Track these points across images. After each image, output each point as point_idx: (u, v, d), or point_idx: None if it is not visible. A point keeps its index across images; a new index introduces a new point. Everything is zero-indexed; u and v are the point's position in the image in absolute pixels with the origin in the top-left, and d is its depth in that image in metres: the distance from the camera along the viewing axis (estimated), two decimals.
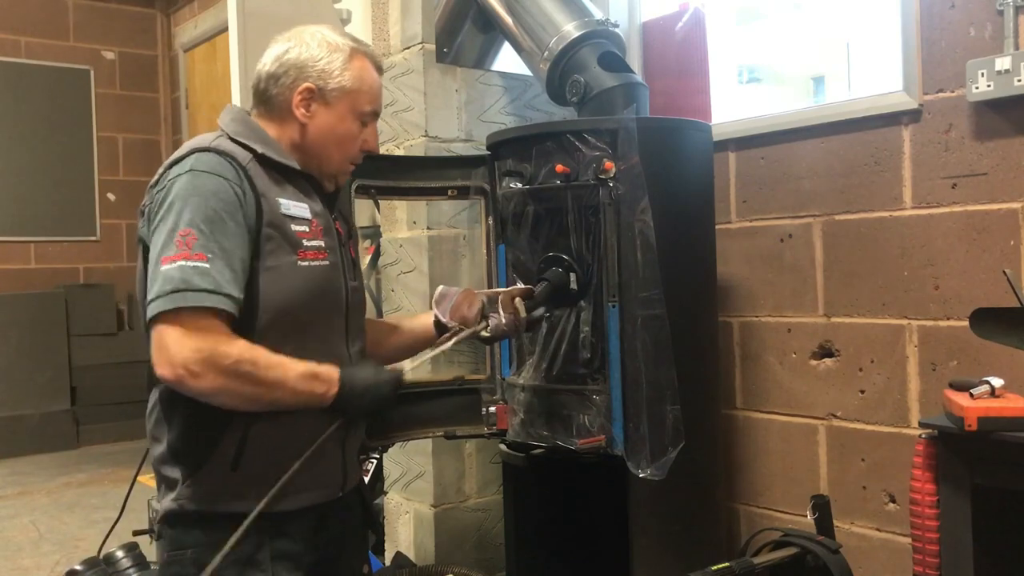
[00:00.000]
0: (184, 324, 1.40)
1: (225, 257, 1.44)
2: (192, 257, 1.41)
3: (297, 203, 1.59)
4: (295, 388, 1.48)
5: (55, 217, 6.57)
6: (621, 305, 2.10)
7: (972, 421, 1.83)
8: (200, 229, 1.43)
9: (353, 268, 1.73)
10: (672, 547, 2.21)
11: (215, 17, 6.31)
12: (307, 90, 1.60)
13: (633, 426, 2.08)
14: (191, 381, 1.40)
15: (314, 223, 1.60)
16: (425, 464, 2.74)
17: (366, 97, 1.65)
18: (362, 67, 1.64)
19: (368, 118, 1.67)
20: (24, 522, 4.36)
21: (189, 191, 1.46)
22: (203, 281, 1.40)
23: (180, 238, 1.42)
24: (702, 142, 2.36)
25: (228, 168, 1.50)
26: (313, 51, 1.62)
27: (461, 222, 2.79)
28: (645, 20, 3.15)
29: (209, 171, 1.48)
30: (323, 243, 1.60)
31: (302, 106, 1.61)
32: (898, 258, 2.42)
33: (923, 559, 1.97)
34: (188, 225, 1.43)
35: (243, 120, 1.63)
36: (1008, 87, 2.13)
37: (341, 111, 1.63)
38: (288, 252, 1.54)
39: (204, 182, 1.47)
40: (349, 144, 1.66)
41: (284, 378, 1.47)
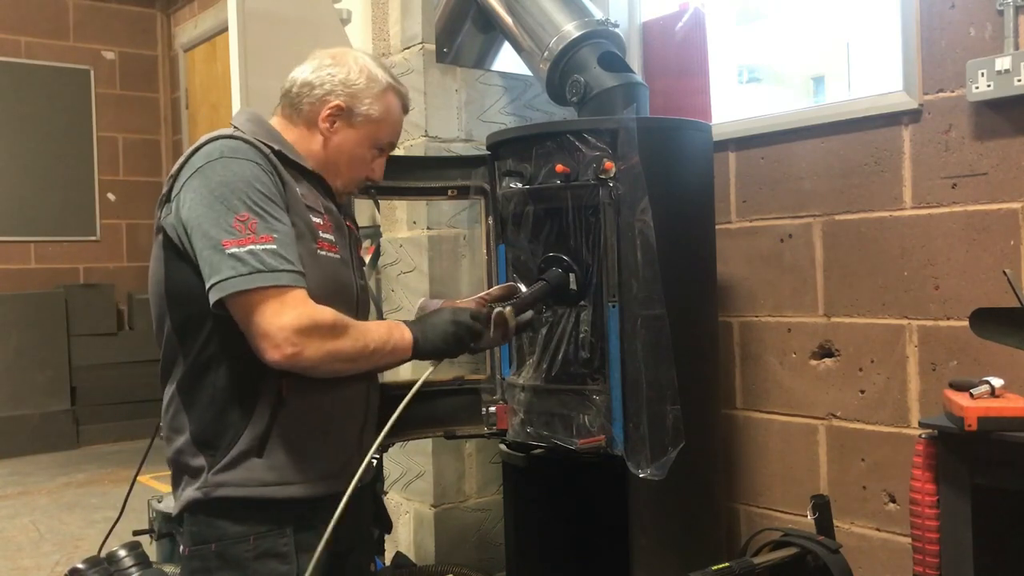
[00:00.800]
0: (274, 303, 1.44)
1: (286, 237, 1.49)
2: (259, 240, 1.45)
3: (313, 196, 1.65)
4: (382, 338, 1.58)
5: (55, 217, 6.57)
6: (621, 305, 2.10)
7: (972, 421, 1.83)
8: (257, 213, 1.47)
9: (360, 268, 1.79)
10: (672, 547, 2.20)
11: (215, 17, 6.31)
12: (336, 107, 1.67)
13: (633, 426, 2.08)
14: (304, 354, 1.45)
15: (327, 217, 1.65)
16: (425, 464, 2.74)
17: (387, 130, 1.74)
18: (391, 103, 1.73)
19: (384, 149, 1.76)
20: (24, 522, 4.36)
21: (230, 177, 1.49)
22: (277, 261, 1.45)
23: (239, 223, 1.45)
24: (702, 142, 2.35)
25: (257, 154, 1.54)
26: (353, 75, 1.69)
27: (461, 222, 2.79)
28: (645, 20, 3.15)
29: (243, 157, 1.52)
30: (334, 238, 1.64)
31: (327, 120, 1.68)
32: (898, 258, 2.42)
33: (923, 559, 1.97)
34: (245, 210, 1.46)
35: (259, 121, 1.68)
36: (1008, 87, 2.13)
37: (361, 136, 1.70)
38: (309, 240, 1.57)
39: (242, 168, 1.51)
40: (359, 168, 1.74)
41: (372, 330, 1.57)
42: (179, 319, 1.55)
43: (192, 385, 1.54)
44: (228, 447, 1.53)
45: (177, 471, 1.59)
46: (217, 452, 1.53)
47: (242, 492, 1.52)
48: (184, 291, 1.52)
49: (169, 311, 1.56)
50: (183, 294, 1.53)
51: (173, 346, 1.57)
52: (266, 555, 1.52)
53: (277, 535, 1.53)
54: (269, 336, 1.43)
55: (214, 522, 1.53)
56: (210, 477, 1.53)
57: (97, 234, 6.77)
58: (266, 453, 1.53)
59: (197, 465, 1.55)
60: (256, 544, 1.51)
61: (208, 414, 1.54)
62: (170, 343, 1.58)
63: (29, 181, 6.45)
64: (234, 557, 1.51)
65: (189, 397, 1.55)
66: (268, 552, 1.52)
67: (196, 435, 1.55)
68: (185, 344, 1.55)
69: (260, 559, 1.52)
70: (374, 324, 1.62)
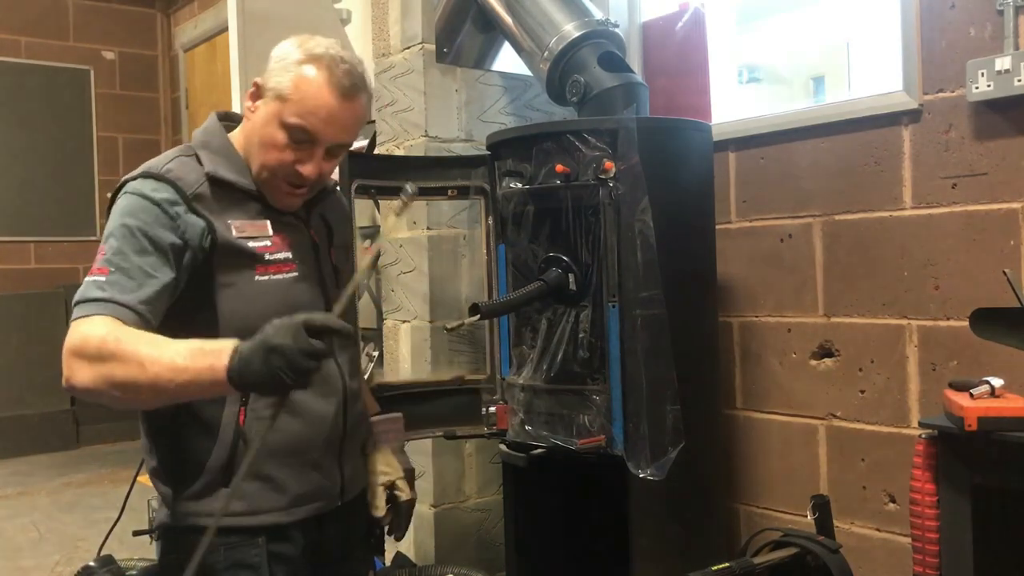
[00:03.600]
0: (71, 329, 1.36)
1: (126, 272, 1.39)
2: (96, 272, 1.40)
3: (255, 221, 1.53)
4: (174, 363, 1.27)
5: (55, 217, 6.57)
6: (621, 305, 2.10)
7: (972, 421, 1.83)
8: (111, 246, 1.42)
9: (335, 275, 1.66)
10: (672, 547, 2.20)
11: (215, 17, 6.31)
12: (254, 84, 1.54)
13: (633, 426, 2.08)
14: (74, 378, 1.32)
15: (277, 236, 1.54)
16: (425, 464, 2.74)
17: (294, 108, 1.48)
18: (308, 79, 1.48)
19: (297, 134, 1.49)
20: (24, 522, 4.36)
21: (116, 212, 1.46)
22: (98, 291, 1.38)
23: (98, 256, 1.43)
24: (702, 142, 2.36)
25: (162, 191, 1.46)
26: (276, 51, 1.54)
27: (461, 222, 2.79)
28: (645, 20, 3.15)
29: (139, 194, 1.46)
30: (289, 254, 1.55)
31: (250, 98, 1.55)
32: (898, 258, 2.42)
33: (923, 559, 1.97)
34: (104, 243, 1.44)
35: (212, 131, 1.59)
36: (1008, 87, 2.13)
37: (268, 113, 1.50)
38: (245, 268, 1.50)
39: (131, 204, 1.45)
40: (271, 152, 1.51)
41: (161, 353, 1.29)
42: None
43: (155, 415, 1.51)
44: (192, 477, 1.49)
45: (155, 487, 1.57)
46: (181, 483, 1.50)
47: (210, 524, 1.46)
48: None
49: None
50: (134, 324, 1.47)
51: None
52: (237, 566, 1.49)
53: (249, 545, 1.50)
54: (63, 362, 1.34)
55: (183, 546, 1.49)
56: (177, 506, 1.51)
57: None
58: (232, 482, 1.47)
59: (164, 492, 1.53)
60: (227, 555, 1.48)
61: (170, 443, 1.51)
62: None
63: (29, 181, 6.45)
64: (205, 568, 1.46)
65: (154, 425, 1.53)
66: (239, 563, 1.49)
67: (161, 463, 1.53)
68: None
69: (231, 569, 1.48)
70: (174, 348, 1.30)
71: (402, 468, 1.79)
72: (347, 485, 1.64)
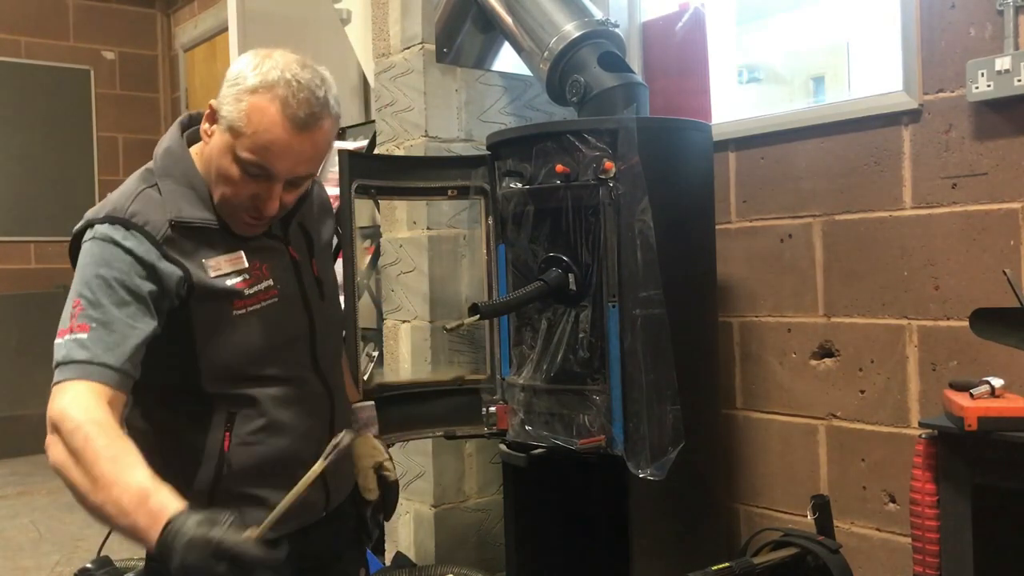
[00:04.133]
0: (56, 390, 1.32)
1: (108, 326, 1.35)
2: (76, 329, 1.34)
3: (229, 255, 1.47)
4: (119, 502, 1.23)
5: (55, 217, 6.56)
6: (621, 305, 2.10)
7: (972, 421, 1.83)
8: (87, 299, 1.36)
9: (318, 286, 1.60)
10: (672, 547, 2.21)
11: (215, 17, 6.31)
12: (210, 106, 1.44)
13: (633, 426, 2.08)
14: (48, 450, 1.29)
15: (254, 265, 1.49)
16: (425, 464, 2.74)
17: (247, 143, 1.38)
18: (261, 111, 1.36)
19: (252, 169, 1.40)
20: (24, 522, 4.36)
21: (86, 261, 1.40)
22: (81, 352, 1.32)
23: (71, 310, 1.36)
24: (702, 142, 2.36)
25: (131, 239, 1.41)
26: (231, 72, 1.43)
27: (461, 222, 2.79)
28: (645, 20, 3.15)
29: (109, 240, 1.40)
30: (270, 281, 1.50)
31: (206, 120, 1.45)
32: (898, 258, 2.42)
33: (923, 559, 1.97)
34: (78, 296, 1.37)
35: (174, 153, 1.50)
36: (1008, 87, 2.13)
37: (222, 144, 1.41)
38: (222, 307, 1.46)
39: (100, 251, 1.40)
40: (228, 186, 1.43)
41: (115, 481, 1.24)
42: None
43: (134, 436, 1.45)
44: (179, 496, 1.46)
45: None
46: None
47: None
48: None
49: None
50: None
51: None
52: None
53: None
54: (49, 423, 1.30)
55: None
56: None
57: None
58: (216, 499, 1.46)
59: None
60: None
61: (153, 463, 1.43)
62: None
63: (29, 181, 6.45)
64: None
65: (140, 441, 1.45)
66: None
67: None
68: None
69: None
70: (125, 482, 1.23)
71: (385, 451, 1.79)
72: (332, 496, 1.62)
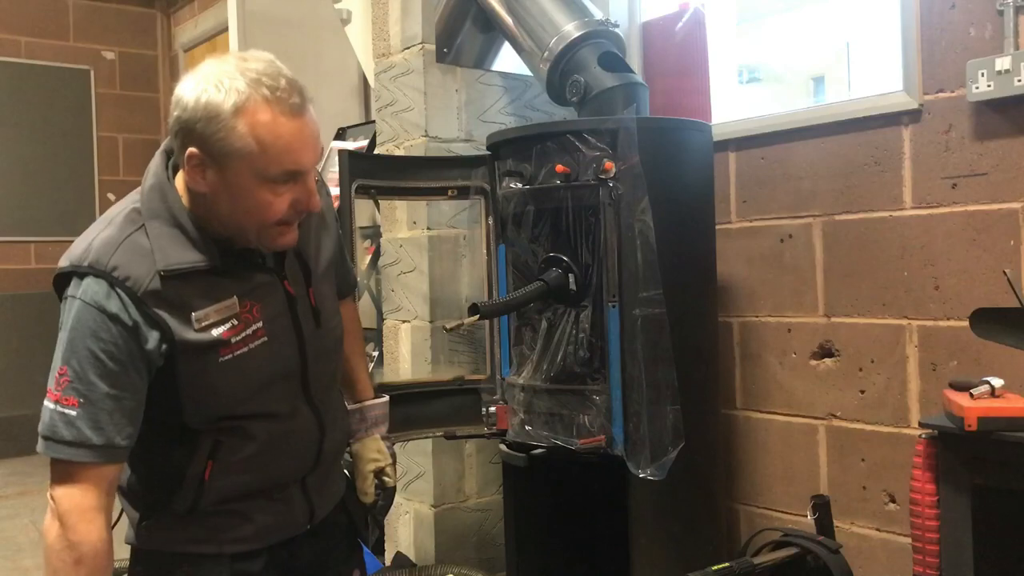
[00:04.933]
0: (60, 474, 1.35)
1: (96, 404, 1.33)
2: (62, 401, 1.33)
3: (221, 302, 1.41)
4: None
5: (55, 217, 6.56)
6: (621, 305, 2.10)
7: (972, 421, 1.83)
8: (74, 370, 1.33)
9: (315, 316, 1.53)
10: (672, 547, 2.21)
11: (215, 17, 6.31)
12: (195, 156, 1.32)
13: (633, 426, 2.08)
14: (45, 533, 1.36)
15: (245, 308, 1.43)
16: (425, 464, 2.74)
17: (270, 159, 1.31)
18: (263, 124, 1.29)
19: (285, 178, 1.34)
20: (24, 522, 4.36)
21: (72, 324, 1.35)
22: (68, 432, 1.33)
23: (57, 376, 1.34)
24: (702, 142, 2.35)
25: (115, 301, 1.35)
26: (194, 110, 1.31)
27: (461, 222, 2.79)
28: (645, 20, 3.15)
29: (94, 305, 1.34)
30: (259, 324, 1.44)
31: (197, 175, 1.33)
32: (898, 258, 2.42)
33: (923, 559, 1.97)
34: (64, 363, 1.34)
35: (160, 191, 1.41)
36: (1008, 87, 2.13)
37: (237, 179, 1.32)
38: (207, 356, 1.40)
39: (86, 318, 1.34)
40: (262, 213, 1.35)
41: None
42: None
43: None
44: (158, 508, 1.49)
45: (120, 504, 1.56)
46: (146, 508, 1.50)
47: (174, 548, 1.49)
48: None
49: None
50: None
51: None
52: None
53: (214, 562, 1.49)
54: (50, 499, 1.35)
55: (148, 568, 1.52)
56: (140, 530, 1.51)
57: None
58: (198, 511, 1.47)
59: (130, 514, 1.53)
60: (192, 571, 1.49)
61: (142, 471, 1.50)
62: None
63: (29, 181, 6.45)
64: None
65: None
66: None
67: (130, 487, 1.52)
68: None
69: None
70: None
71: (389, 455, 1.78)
72: (316, 511, 1.60)
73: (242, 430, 1.45)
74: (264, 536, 1.52)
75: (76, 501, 1.34)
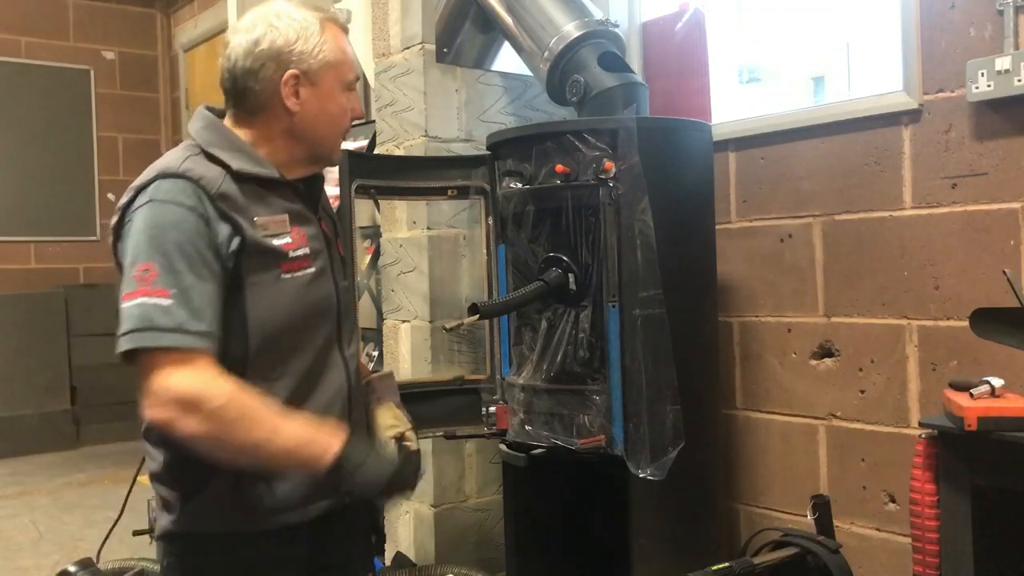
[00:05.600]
0: (166, 364, 1.33)
1: (188, 292, 1.36)
2: (153, 293, 1.34)
3: (277, 216, 1.50)
4: (286, 447, 1.37)
5: (55, 217, 6.57)
6: (621, 305, 2.10)
7: (972, 421, 1.83)
8: (160, 264, 1.36)
9: (343, 267, 1.65)
10: (672, 547, 2.21)
11: (215, 17, 6.31)
12: (293, 77, 1.50)
13: (633, 426, 2.08)
14: (177, 424, 1.33)
15: (295, 231, 1.51)
16: (425, 464, 2.73)
17: (348, 66, 1.57)
18: (335, 35, 1.55)
19: (351, 86, 1.59)
20: (24, 522, 4.36)
21: (149, 223, 1.39)
22: (166, 319, 1.33)
23: (140, 273, 1.35)
24: (702, 142, 2.36)
25: (191, 195, 1.41)
26: (288, 35, 1.50)
27: (461, 222, 2.79)
28: (645, 20, 3.15)
29: (170, 200, 1.40)
30: (308, 250, 1.52)
31: (292, 95, 1.51)
32: (898, 258, 2.42)
33: (923, 559, 1.97)
34: (148, 260, 1.36)
35: (215, 127, 1.53)
36: (1008, 87, 2.13)
37: (329, 88, 1.54)
38: (271, 267, 1.47)
39: (164, 213, 1.40)
40: (342, 119, 1.59)
41: (275, 433, 1.36)
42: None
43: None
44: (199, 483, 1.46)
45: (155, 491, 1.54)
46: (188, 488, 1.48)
47: (217, 529, 1.47)
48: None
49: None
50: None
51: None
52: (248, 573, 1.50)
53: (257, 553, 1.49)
54: (150, 395, 1.33)
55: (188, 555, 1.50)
56: (181, 514, 1.48)
57: (97, 234, 6.76)
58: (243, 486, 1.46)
59: (168, 497, 1.50)
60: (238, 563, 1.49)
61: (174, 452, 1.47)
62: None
63: (29, 181, 6.45)
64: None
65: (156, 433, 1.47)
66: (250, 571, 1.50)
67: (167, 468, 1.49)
68: None
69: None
70: (293, 425, 1.39)
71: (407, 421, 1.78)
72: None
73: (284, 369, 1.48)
74: (305, 506, 1.52)
75: (193, 377, 1.34)
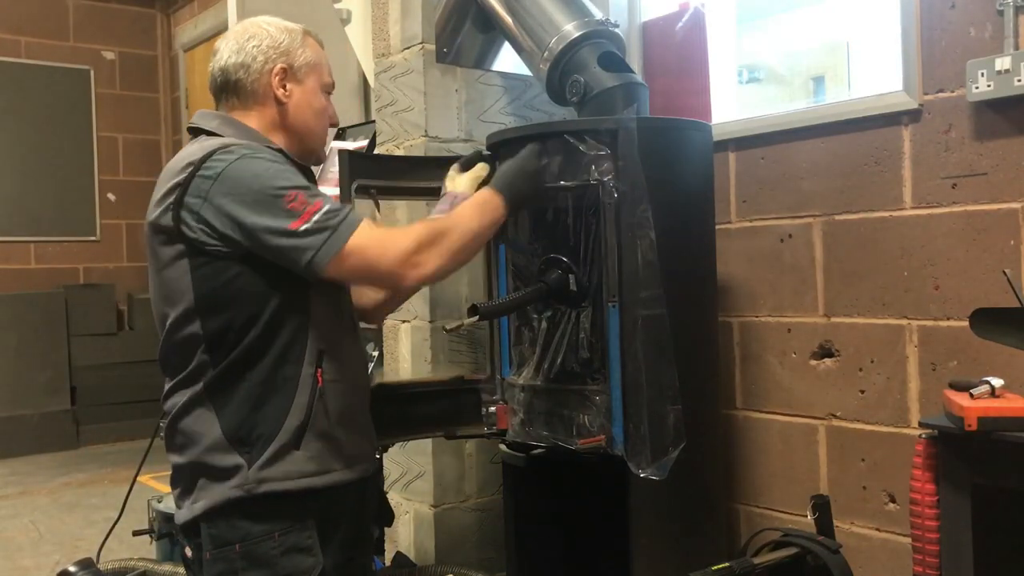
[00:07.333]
0: (371, 244, 1.54)
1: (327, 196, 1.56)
2: (315, 209, 1.51)
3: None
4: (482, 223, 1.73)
5: (55, 217, 6.58)
6: (621, 305, 2.10)
7: (972, 421, 1.83)
8: (299, 187, 1.53)
9: None
10: (672, 547, 2.20)
11: (215, 17, 6.31)
12: (281, 70, 1.68)
13: (633, 426, 2.08)
14: (420, 271, 1.58)
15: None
16: (425, 464, 2.74)
17: (327, 71, 1.77)
18: (314, 45, 1.75)
19: (329, 90, 1.78)
20: (24, 522, 4.36)
21: (260, 170, 1.54)
22: (339, 215, 1.53)
23: (291, 203, 1.50)
24: (702, 142, 2.35)
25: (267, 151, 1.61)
26: (274, 35, 1.70)
27: None
28: (645, 20, 3.15)
29: (258, 153, 1.57)
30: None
31: (280, 85, 1.68)
32: (898, 258, 2.42)
33: (923, 559, 1.97)
34: (289, 190, 1.52)
35: (231, 123, 1.68)
36: (1008, 87, 2.13)
37: (312, 87, 1.73)
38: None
39: (266, 158, 1.57)
40: (323, 117, 1.76)
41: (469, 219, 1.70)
42: (216, 326, 1.55)
43: (225, 386, 1.55)
44: (266, 442, 1.55)
45: (194, 475, 1.57)
46: (254, 448, 1.55)
47: (286, 486, 1.55)
48: (225, 297, 1.54)
49: (202, 319, 1.55)
50: (224, 300, 1.54)
51: (194, 352, 1.56)
52: (292, 550, 1.55)
53: (300, 529, 1.57)
54: (395, 268, 1.55)
55: (236, 523, 1.54)
56: (251, 474, 1.54)
57: (97, 234, 6.77)
58: (303, 444, 1.57)
59: (230, 464, 1.54)
60: (281, 540, 1.54)
61: (244, 411, 1.55)
62: (189, 349, 1.57)
63: (29, 181, 6.46)
64: (261, 555, 1.54)
65: (222, 397, 1.55)
66: (294, 547, 1.55)
67: (230, 434, 1.55)
68: (220, 348, 1.55)
69: (287, 555, 1.54)
70: (460, 209, 1.74)
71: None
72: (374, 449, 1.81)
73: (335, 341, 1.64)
74: (353, 464, 1.67)
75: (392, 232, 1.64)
